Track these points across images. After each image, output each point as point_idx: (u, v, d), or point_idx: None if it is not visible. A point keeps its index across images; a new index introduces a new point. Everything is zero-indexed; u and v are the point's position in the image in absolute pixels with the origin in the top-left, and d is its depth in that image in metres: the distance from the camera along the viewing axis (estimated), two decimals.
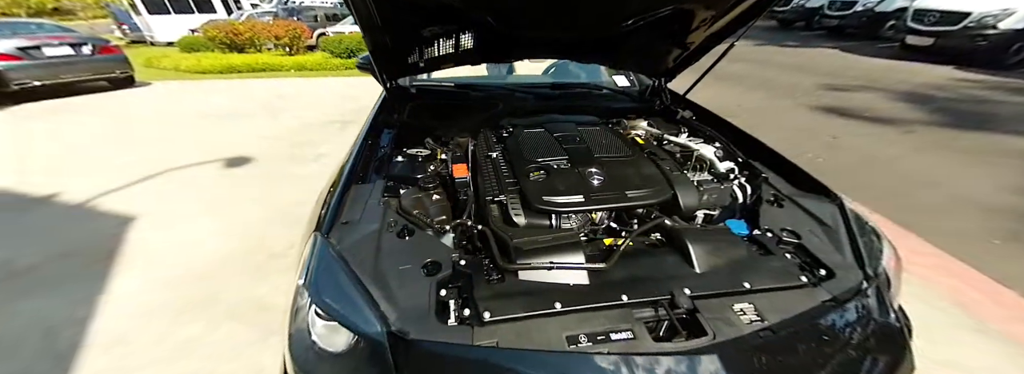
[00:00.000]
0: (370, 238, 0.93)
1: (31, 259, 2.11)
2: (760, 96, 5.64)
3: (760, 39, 10.87)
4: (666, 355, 0.69)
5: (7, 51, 5.04)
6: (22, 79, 5.17)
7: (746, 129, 1.57)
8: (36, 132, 4.32)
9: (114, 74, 6.07)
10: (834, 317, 0.79)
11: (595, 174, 1.09)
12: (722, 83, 6.53)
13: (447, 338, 0.72)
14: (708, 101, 1.80)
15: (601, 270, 0.85)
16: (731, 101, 5.42)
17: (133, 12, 12.91)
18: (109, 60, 5.98)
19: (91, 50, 5.77)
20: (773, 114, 4.81)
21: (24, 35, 5.38)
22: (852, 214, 1.06)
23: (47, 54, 5.37)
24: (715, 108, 1.81)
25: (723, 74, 7.53)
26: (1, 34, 5.27)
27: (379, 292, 0.80)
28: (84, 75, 5.75)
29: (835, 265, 0.90)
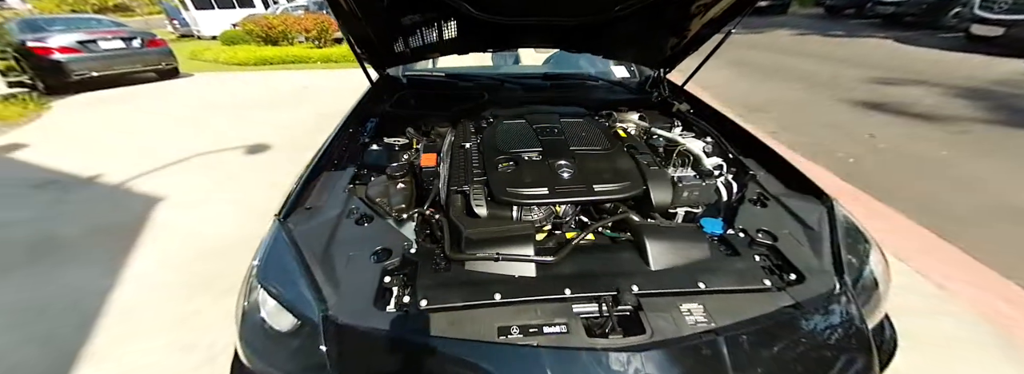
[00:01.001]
0: (328, 224, 0.95)
1: (70, 233, 2.35)
2: (795, 90, 5.26)
3: (801, 28, 10.10)
4: (593, 351, 0.67)
5: (68, 45, 5.56)
6: (81, 70, 5.69)
7: (770, 130, 1.47)
8: (89, 118, 4.77)
9: (160, 66, 6.57)
10: (791, 323, 0.74)
11: (565, 167, 1.07)
12: (753, 75, 6.15)
13: (379, 324, 0.72)
14: (737, 95, 1.69)
15: (549, 263, 0.84)
16: (762, 95, 5.10)
17: (182, 8, 13.82)
18: (156, 53, 6.46)
19: (140, 43, 6.25)
20: (807, 109, 4.47)
21: (83, 30, 5.90)
22: (841, 217, 1.00)
23: (102, 47, 5.87)
24: (743, 103, 1.71)
25: (756, 65, 7.12)
26: (64, 29, 5.81)
27: (324, 277, 0.82)
28: (134, 66, 6.26)
29: (808, 269, 0.85)
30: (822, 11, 11.85)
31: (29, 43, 5.42)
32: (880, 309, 0.92)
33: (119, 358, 1.53)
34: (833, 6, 11.34)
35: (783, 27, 10.60)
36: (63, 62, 5.54)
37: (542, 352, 0.67)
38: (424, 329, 0.72)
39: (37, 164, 3.44)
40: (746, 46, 8.52)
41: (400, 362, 0.70)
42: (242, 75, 7.18)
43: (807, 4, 14.52)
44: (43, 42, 5.46)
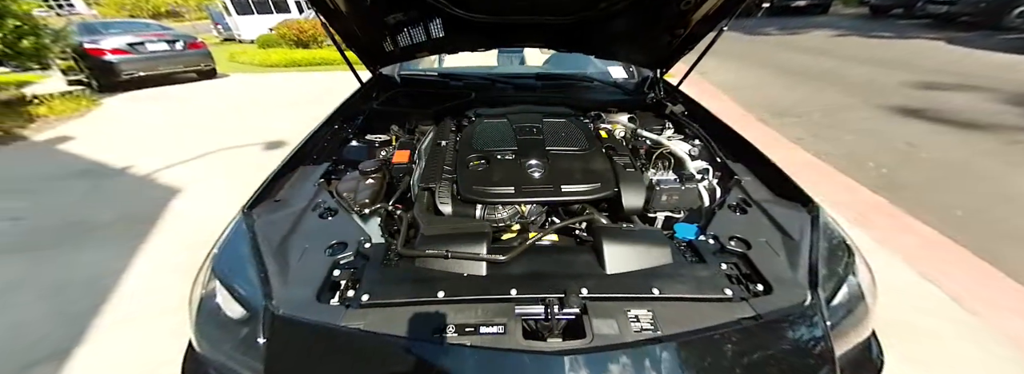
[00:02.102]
0: (291, 217, 0.97)
1: (99, 218, 2.53)
2: (829, 93, 4.95)
3: (843, 29, 9.51)
4: (523, 353, 0.65)
5: (119, 46, 6.06)
6: (129, 70, 6.18)
7: (796, 136, 1.40)
8: (132, 114, 5.16)
9: (200, 67, 7.02)
10: (745, 336, 0.69)
11: (536, 167, 1.05)
12: (785, 78, 5.84)
13: (317, 317, 0.72)
14: (764, 98, 1.58)
15: (501, 263, 0.82)
16: (792, 99, 4.82)
17: (226, 13, 14.79)
18: (196, 54, 6.91)
19: (182, 46, 6.71)
20: (840, 115, 4.18)
21: (132, 33, 6.42)
22: (825, 226, 0.93)
23: (149, 49, 6.35)
24: (770, 106, 1.63)
25: (789, 68, 6.77)
26: (116, 32, 6.34)
27: (277, 268, 0.83)
28: (177, 67, 6.73)
29: (778, 281, 0.79)
30: (867, 11, 11.11)
31: (86, 45, 5.94)
32: (865, 326, 0.85)
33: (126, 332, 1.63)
34: (879, 6, 10.59)
35: (823, 28, 10.03)
36: (114, 62, 6.04)
37: (468, 352, 0.65)
38: (359, 324, 0.71)
39: (81, 155, 3.75)
40: (781, 47, 8.12)
41: (328, 356, 0.69)
42: (273, 76, 7.57)
43: (851, 4, 13.70)
44: (97, 44, 5.97)
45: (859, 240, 2.08)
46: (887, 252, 2.03)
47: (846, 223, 2.29)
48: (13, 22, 4.66)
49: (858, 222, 2.29)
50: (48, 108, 5.07)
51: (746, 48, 8.47)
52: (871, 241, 2.12)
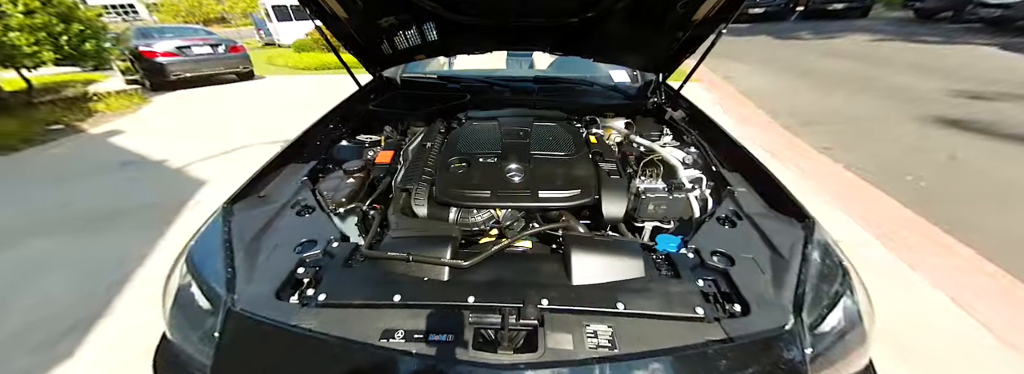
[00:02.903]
0: (269, 213, 0.99)
1: (132, 206, 2.75)
2: (865, 102, 4.65)
3: (884, 33, 8.94)
4: (466, 364, 0.63)
5: (169, 50, 6.58)
6: (177, 71, 6.70)
7: (824, 146, 1.35)
8: (176, 111, 5.57)
9: (238, 69, 7.51)
10: (709, 360, 0.64)
11: (516, 171, 1.03)
12: (817, 84, 5.56)
13: (272, 314, 0.72)
14: (792, 106, 1.50)
15: (464, 268, 0.80)
16: (823, 106, 4.57)
17: (267, 20, 15.77)
18: (236, 57, 7.40)
19: (224, 50, 7.20)
20: (876, 124, 3.92)
21: (181, 37, 6.95)
22: (820, 244, 0.86)
23: (195, 52, 6.87)
24: (798, 114, 1.57)
25: (822, 73, 6.45)
26: (167, 36, 6.89)
27: (245, 263, 0.84)
28: (218, 69, 7.22)
29: (758, 301, 0.73)
30: (911, 15, 10.38)
31: (140, 48, 6.50)
32: (860, 355, 0.77)
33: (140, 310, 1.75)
34: (924, 9, 9.86)
35: (861, 32, 9.48)
36: (164, 64, 6.56)
37: (409, 360, 0.64)
38: (310, 324, 0.71)
39: (126, 147, 4.08)
40: (814, 52, 7.75)
41: (273, 354, 0.69)
42: (305, 78, 7.97)
43: (894, 7, 12.86)
44: (150, 47, 6.51)
45: (886, 260, 1.99)
46: (918, 275, 1.87)
47: (872, 241, 2.14)
48: (78, 27, 5.17)
49: (887, 239, 2.13)
50: (105, 104, 5.57)
51: (776, 53, 8.13)
52: (899, 262, 1.96)
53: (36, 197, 2.99)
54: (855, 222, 2.32)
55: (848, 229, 2.26)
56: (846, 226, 2.29)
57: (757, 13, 13.24)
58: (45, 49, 4.95)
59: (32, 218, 2.67)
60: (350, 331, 0.69)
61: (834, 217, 2.38)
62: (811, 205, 2.70)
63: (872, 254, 2.05)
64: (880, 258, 2.02)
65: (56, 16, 4.92)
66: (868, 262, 1.98)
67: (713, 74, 6.79)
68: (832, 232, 2.32)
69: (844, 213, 2.41)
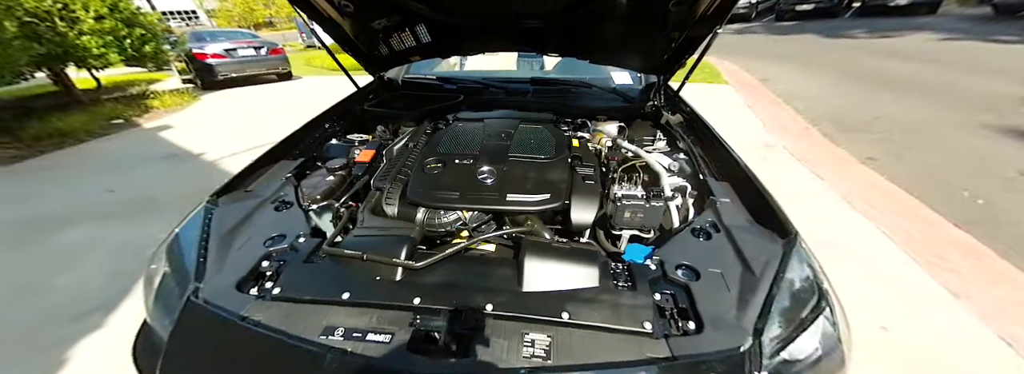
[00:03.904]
0: (251, 207, 1.02)
1: (166, 195, 2.98)
2: (922, 107, 4.19)
3: (954, 31, 8.00)
4: (396, 366, 0.63)
5: (218, 51, 7.13)
6: (224, 71, 7.25)
7: (868, 155, 1.25)
8: (219, 109, 6.01)
9: (278, 69, 8.00)
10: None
11: (489, 173, 1.02)
12: (867, 86, 5.08)
13: (227, 305, 0.75)
14: (834, 109, 1.35)
15: (416, 269, 0.79)
16: (872, 111, 4.15)
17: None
18: (276, 59, 7.89)
19: (266, 52, 7.70)
20: (933, 133, 3.50)
21: (229, 40, 7.50)
22: (798, 263, 0.78)
23: (240, 54, 7.39)
24: (840, 119, 1.45)
25: (875, 75, 5.95)
26: (218, 40, 7.47)
27: (216, 255, 0.87)
28: (260, 70, 7.73)
29: (715, 320, 0.68)
30: (989, 11, 9.22)
31: (193, 50, 7.09)
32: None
33: None
34: (1004, 4, 8.70)
35: (926, 30, 8.55)
36: (213, 65, 7.12)
37: (341, 359, 0.64)
38: (260, 316, 0.72)
39: (172, 141, 4.45)
40: (867, 52, 7.09)
41: (219, 344, 0.71)
42: (338, 78, 8.34)
43: (968, 2, 11.50)
44: (202, 49, 7.09)
45: (926, 286, 1.74)
46: (963, 306, 1.63)
47: (910, 262, 1.90)
48: (140, 31, 5.72)
49: (931, 263, 1.88)
50: (160, 102, 6.11)
51: (824, 53, 7.51)
52: (942, 289, 1.72)
53: (91, 184, 3.32)
54: (893, 240, 2.07)
55: (882, 247, 2.02)
56: (881, 244, 2.05)
57: (805, 10, 12.30)
58: (111, 51, 5.52)
59: (84, 203, 2.96)
60: (295, 326, 0.70)
61: (868, 234, 2.14)
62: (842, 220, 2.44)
63: (909, 276, 1.82)
64: (919, 282, 1.78)
65: (121, 21, 5.47)
66: (905, 285, 1.76)
67: (748, 75, 6.39)
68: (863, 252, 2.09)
69: (880, 230, 2.16)
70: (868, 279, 1.81)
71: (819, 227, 2.23)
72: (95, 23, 5.21)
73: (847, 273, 1.84)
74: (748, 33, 11.48)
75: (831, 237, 2.13)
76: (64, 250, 2.34)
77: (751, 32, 11.60)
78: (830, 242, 2.08)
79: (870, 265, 1.90)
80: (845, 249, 2.02)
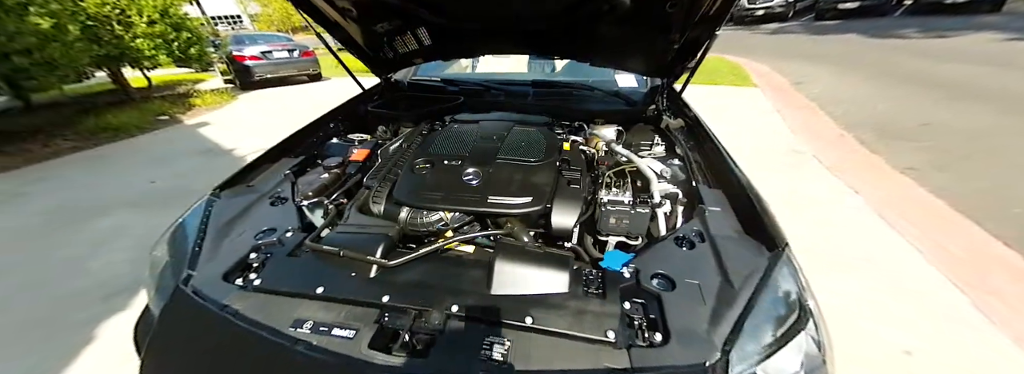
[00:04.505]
0: (249, 201, 1.08)
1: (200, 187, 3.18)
2: (978, 113, 3.83)
3: (1019, 31, 7.24)
4: (350, 362, 0.64)
5: (255, 54, 7.57)
6: (261, 73, 7.69)
7: (908, 165, 1.20)
8: (254, 107, 6.37)
9: (309, 71, 8.40)
10: None
11: (474, 175, 1.02)
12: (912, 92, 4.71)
13: (212, 293, 0.79)
14: (878, 115, 1.24)
15: (388, 267, 0.81)
16: (919, 117, 3.83)
17: None
18: (307, 61, 8.29)
19: (298, 54, 8.10)
20: (986, 143, 3.18)
21: (266, 43, 7.94)
22: (783, 277, 0.74)
23: (275, 56, 7.81)
24: (883, 125, 1.38)
25: (919, 78, 5.58)
26: (256, 43, 7.93)
27: (210, 245, 0.92)
28: (292, 71, 8.14)
29: (683, 333, 0.65)
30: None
31: (234, 52, 7.56)
32: None
33: None
34: None
35: (987, 29, 7.80)
36: (251, 66, 7.56)
37: (301, 351, 0.66)
38: (239, 306, 0.75)
39: (208, 137, 4.76)
40: (916, 53, 6.57)
41: (197, 330, 0.74)
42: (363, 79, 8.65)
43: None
44: (241, 51, 7.54)
45: (961, 310, 1.59)
46: (1001, 332, 1.48)
47: (948, 285, 1.73)
48: (186, 35, 6.17)
49: (971, 285, 1.71)
50: (201, 100, 6.56)
51: (867, 54, 7.02)
52: (978, 313, 1.57)
53: (136, 175, 3.61)
54: (927, 258, 1.90)
55: (914, 265, 1.86)
56: (913, 262, 1.89)
57: (849, 8, 11.53)
58: (161, 53, 5.98)
59: (126, 192, 3.22)
60: (269, 316, 0.73)
61: (900, 251, 1.98)
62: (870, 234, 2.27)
63: (943, 298, 1.66)
64: (953, 303, 1.63)
65: (170, 26, 5.92)
66: (936, 306, 1.61)
67: (780, 78, 6.08)
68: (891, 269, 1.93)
69: (914, 247, 1.99)
70: (894, 298, 1.68)
71: (843, 241, 2.08)
72: (147, 27, 5.68)
73: (871, 292, 1.71)
74: (784, 33, 10.93)
75: (855, 252, 1.98)
76: (106, 233, 2.55)
77: (787, 32, 11.02)
78: (854, 257, 1.94)
79: (898, 283, 1.76)
80: (870, 266, 1.88)
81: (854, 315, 1.59)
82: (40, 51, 3.99)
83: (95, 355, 1.63)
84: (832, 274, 1.81)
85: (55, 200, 3.13)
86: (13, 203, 3.10)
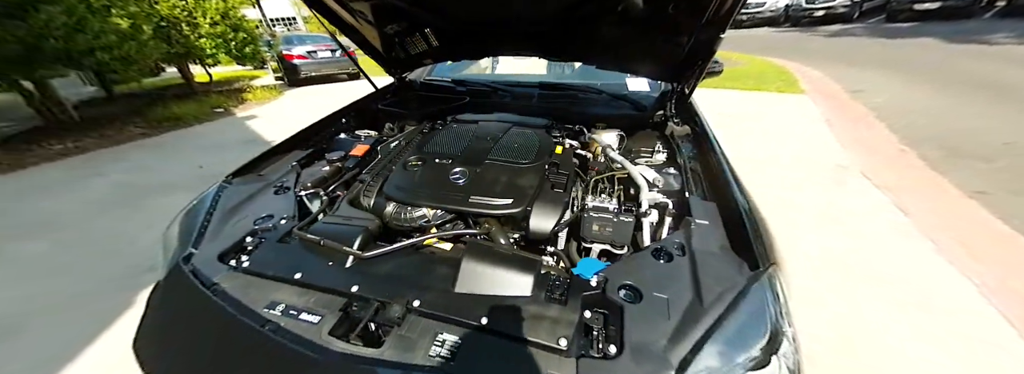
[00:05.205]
0: (254, 189, 1.14)
1: None
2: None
3: None
4: (302, 344, 0.66)
5: (302, 53, 8.10)
6: (306, 71, 8.23)
7: (977, 189, 1.12)
8: (298, 102, 6.82)
9: (349, 70, 8.85)
10: None
11: (461, 174, 1.04)
12: (991, 105, 4.12)
13: (204, 271, 0.85)
14: (937, 131, 1.08)
15: (362, 258, 0.84)
16: (996, 135, 3.35)
17: None
18: (347, 60, 8.72)
19: (339, 54, 8.56)
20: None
21: (312, 43, 8.48)
22: (758, 299, 0.68)
23: (319, 56, 8.31)
24: (953, 144, 1.25)
25: (1004, 90, 4.79)
26: (304, 43, 8.48)
27: (217, 226, 0.99)
28: (334, 70, 8.63)
29: (638, 347, 0.63)
30: None
31: (284, 51, 8.15)
32: None
33: None
34: None
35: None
36: (298, 65, 8.10)
37: (258, 329, 0.69)
38: (224, 284, 0.81)
39: (252, 128, 5.15)
40: (1003, 61, 5.74)
41: (182, 303, 0.80)
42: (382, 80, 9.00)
43: None
44: (290, 51, 8.11)
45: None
46: None
47: (1012, 329, 1.48)
48: (243, 35, 6.72)
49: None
50: (252, 95, 7.12)
51: (944, 60, 6.24)
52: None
53: (187, 160, 3.98)
54: (986, 295, 1.63)
55: (970, 304, 1.61)
56: (968, 300, 1.63)
57: (927, 9, 10.29)
58: (220, 51, 6.56)
59: (178, 175, 3.56)
60: (248, 296, 0.77)
61: (953, 286, 1.72)
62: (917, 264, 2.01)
63: (1006, 344, 1.42)
64: (1020, 354, 1.39)
65: (229, 27, 6.48)
66: (999, 356, 1.38)
67: (835, 85, 5.56)
68: (941, 308, 1.68)
69: (972, 282, 1.72)
70: (943, 341, 1.46)
71: (877, 268, 1.85)
72: (210, 28, 6.25)
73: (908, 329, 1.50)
74: (846, 36, 9.98)
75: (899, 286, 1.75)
76: (154, 212, 2.83)
77: (850, 35, 10.05)
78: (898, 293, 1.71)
79: (949, 326, 1.53)
80: (913, 302, 1.65)
81: (886, 349, 1.41)
82: (118, 48, 4.51)
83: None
84: (852, 299, 1.61)
85: (125, 181, 3.53)
86: (93, 180, 3.57)
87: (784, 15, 13.18)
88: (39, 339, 1.72)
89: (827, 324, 1.55)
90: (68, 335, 1.71)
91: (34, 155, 4.29)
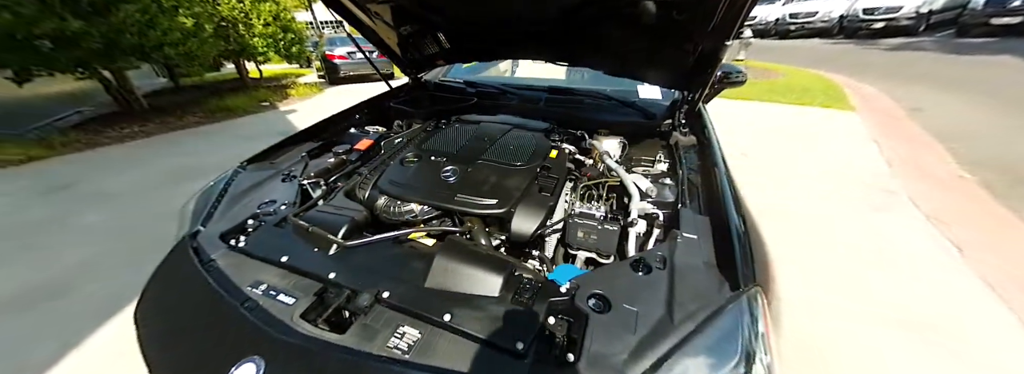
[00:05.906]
0: (265, 176, 1.22)
1: None
2: None
3: None
4: (269, 323, 0.69)
5: (342, 54, 8.56)
6: (345, 70, 8.67)
7: None
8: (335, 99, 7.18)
9: (383, 70, 9.16)
10: None
11: (451, 173, 1.06)
12: None
13: (206, 247, 0.91)
14: (1001, 155, 0.96)
15: (345, 247, 0.87)
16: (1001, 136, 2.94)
17: None
18: (382, 61, 9.09)
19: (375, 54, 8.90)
20: None
21: (350, 45, 8.93)
22: (740, 319, 0.64)
23: (357, 57, 8.73)
24: (1010, 168, 1.16)
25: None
26: (343, 45, 8.96)
27: (226, 208, 1.06)
28: (369, 70, 9.02)
29: (595, 359, 0.62)
30: None
31: (327, 52, 8.65)
32: None
33: None
34: None
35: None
36: (338, 65, 8.57)
37: (235, 304, 0.73)
38: (219, 262, 0.86)
39: (290, 121, 5.49)
40: None
41: (182, 276, 0.86)
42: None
43: None
44: (333, 51, 8.59)
45: None
46: None
47: None
48: (291, 36, 7.21)
49: None
50: (296, 91, 7.60)
51: (1017, 81, 5.57)
52: None
53: (228, 147, 4.32)
54: None
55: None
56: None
57: (1007, 24, 9.24)
58: (271, 50, 7.07)
59: (223, 161, 3.84)
60: (237, 274, 0.83)
61: (1009, 332, 1.51)
62: (966, 306, 1.80)
63: None
64: None
65: (280, 28, 6.98)
66: None
67: (890, 102, 5.13)
68: (996, 357, 1.48)
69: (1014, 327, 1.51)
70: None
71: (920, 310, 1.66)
72: (263, 28, 6.76)
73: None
74: (909, 50, 9.17)
75: (941, 331, 1.57)
76: None
77: (914, 49, 9.23)
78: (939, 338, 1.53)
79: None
80: (962, 350, 1.47)
81: None
82: (183, 45, 4.98)
83: None
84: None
85: (177, 163, 3.89)
86: (153, 161, 3.98)
87: (838, 26, 12.27)
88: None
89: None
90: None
91: (107, 136, 4.84)
